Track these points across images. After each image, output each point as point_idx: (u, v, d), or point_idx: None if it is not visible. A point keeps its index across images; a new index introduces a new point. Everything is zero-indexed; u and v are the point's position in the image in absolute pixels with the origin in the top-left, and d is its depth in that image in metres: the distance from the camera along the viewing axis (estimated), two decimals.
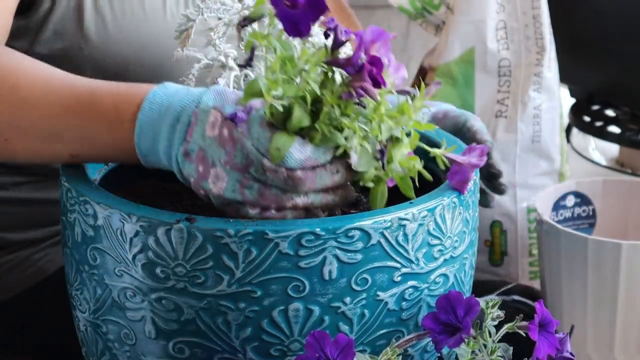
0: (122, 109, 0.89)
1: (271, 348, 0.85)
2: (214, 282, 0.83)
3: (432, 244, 0.87)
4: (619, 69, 1.74)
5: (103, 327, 0.90)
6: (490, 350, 0.84)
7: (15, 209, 1.24)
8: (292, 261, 0.83)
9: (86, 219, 0.88)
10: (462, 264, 0.91)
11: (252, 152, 0.84)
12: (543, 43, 1.46)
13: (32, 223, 1.25)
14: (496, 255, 1.50)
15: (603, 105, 1.84)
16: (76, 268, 0.90)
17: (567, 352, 0.86)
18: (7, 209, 1.24)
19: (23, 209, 1.24)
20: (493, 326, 0.85)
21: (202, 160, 0.85)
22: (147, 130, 0.87)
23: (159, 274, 0.84)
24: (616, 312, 1.25)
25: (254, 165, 0.83)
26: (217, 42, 0.97)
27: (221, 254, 0.82)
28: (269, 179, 0.84)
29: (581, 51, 1.76)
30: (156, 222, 0.83)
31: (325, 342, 0.79)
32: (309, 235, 0.82)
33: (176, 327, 0.86)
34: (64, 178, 0.91)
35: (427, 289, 0.88)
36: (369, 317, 0.86)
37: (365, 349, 0.87)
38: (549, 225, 1.29)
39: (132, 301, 0.86)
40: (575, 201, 1.41)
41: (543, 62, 1.46)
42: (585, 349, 1.28)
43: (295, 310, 0.84)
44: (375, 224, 0.84)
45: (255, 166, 0.83)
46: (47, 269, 1.26)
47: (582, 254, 1.25)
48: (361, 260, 0.84)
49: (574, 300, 1.28)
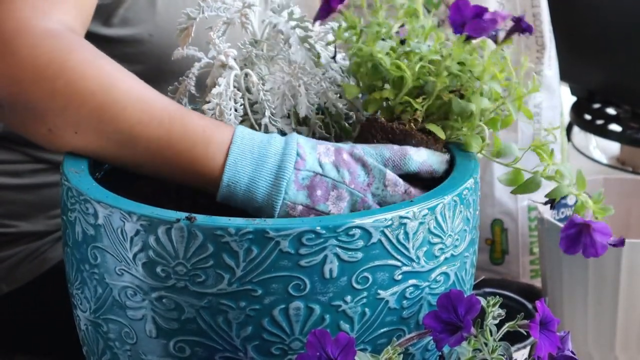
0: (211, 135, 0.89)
1: (272, 347, 0.85)
2: (215, 281, 0.83)
3: (432, 243, 0.87)
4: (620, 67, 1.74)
5: (104, 326, 0.90)
6: (491, 349, 0.84)
7: (27, 196, 1.25)
8: (292, 260, 0.83)
9: (87, 218, 0.87)
10: (462, 262, 0.91)
11: (374, 167, 0.89)
12: (543, 41, 1.46)
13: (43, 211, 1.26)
14: (497, 254, 1.50)
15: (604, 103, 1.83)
16: (77, 267, 0.90)
17: (568, 351, 0.86)
18: (20, 196, 1.25)
19: (35, 196, 1.25)
20: (494, 324, 0.85)
21: (319, 185, 0.88)
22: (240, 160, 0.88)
23: (159, 273, 0.84)
24: (617, 310, 1.25)
25: (376, 181, 0.88)
26: (216, 41, 0.97)
27: (222, 253, 0.82)
28: (388, 196, 0.89)
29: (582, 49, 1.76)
30: (157, 221, 0.83)
31: (326, 340, 0.79)
32: (310, 234, 0.82)
33: (177, 326, 0.86)
34: (65, 177, 0.91)
35: (427, 287, 0.88)
36: (369, 315, 0.86)
37: (366, 348, 0.87)
38: (550, 223, 1.29)
39: (133, 300, 0.86)
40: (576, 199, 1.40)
41: (543, 60, 1.46)
42: (586, 347, 1.28)
43: (296, 309, 0.84)
44: (376, 222, 0.84)
45: (377, 183, 0.88)
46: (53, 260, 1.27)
47: None
48: (362, 259, 0.84)
49: (575, 298, 1.27)
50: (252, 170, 0.88)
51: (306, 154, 0.88)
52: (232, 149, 0.88)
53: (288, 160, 0.88)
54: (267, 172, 0.88)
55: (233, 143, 0.89)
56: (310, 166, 0.88)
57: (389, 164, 0.89)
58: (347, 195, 0.88)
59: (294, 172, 0.88)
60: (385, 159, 0.89)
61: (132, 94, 0.91)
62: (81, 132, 0.91)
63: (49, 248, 1.27)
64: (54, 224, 1.27)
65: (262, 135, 0.90)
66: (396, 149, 0.90)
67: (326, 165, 0.88)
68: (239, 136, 0.89)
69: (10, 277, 1.26)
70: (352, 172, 0.88)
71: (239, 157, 0.88)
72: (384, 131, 0.93)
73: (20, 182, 1.25)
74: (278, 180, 0.87)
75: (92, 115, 0.90)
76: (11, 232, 1.26)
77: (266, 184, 0.88)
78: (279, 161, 0.88)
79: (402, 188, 0.89)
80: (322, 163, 0.88)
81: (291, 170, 0.87)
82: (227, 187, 0.88)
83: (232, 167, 0.88)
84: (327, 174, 0.88)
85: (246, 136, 0.89)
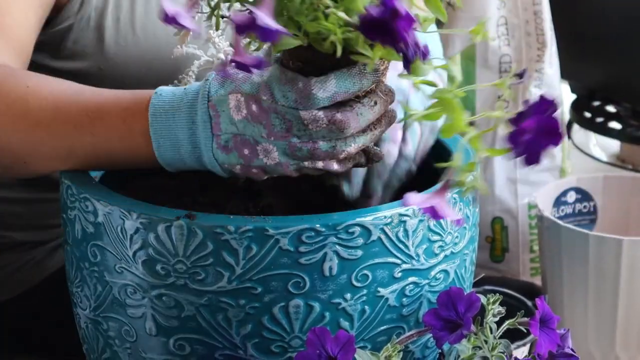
0: (131, 124, 0.89)
1: (272, 344, 0.85)
2: (215, 278, 0.83)
3: (432, 240, 0.87)
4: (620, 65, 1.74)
5: (104, 324, 0.90)
6: (491, 347, 0.84)
7: (21, 208, 1.24)
8: (292, 257, 0.82)
9: (86, 216, 0.87)
10: (462, 260, 0.91)
11: (287, 112, 0.83)
12: (544, 39, 1.46)
13: (37, 223, 1.25)
14: (497, 252, 1.50)
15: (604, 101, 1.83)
16: (77, 265, 0.90)
17: (568, 348, 0.86)
18: (13, 209, 1.24)
19: (28, 209, 1.24)
20: (494, 322, 0.85)
21: (243, 144, 0.85)
22: (163, 142, 0.87)
23: (159, 271, 0.84)
24: (617, 308, 1.25)
25: (294, 124, 0.83)
26: (215, 39, 0.97)
27: (221, 251, 0.82)
28: (313, 133, 0.84)
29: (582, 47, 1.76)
30: (156, 219, 0.83)
31: (326, 338, 0.79)
32: (309, 232, 0.82)
33: (177, 323, 0.86)
34: (64, 175, 0.91)
35: (427, 285, 0.88)
36: (369, 313, 0.86)
37: (365, 345, 0.87)
38: (550, 221, 1.29)
39: (133, 298, 0.86)
40: (576, 197, 1.41)
41: (544, 58, 1.46)
42: (586, 345, 1.28)
43: (296, 307, 0.84)
44: (376, 220, 0.84)
45: (295, 125, 0.84)
46: (49, 268, 1.26)
47: (583, 250, 1.25)
48: (361, 257, 0.84)
49: (575, 296, 1.27)
50: (176, 149, 0.87)
51: (219, 114, 0.86)
52: (151, 134, 0.87)
53: (204, 129, 0.86)
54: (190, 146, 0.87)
55: (150, 128, 0.87)
56: (226, 128, 0.86)
57: (298, 105, 0.84)
58: (272, 147, 0.85)
59: (214, 138, 0.86)
60: (293, 101, 0.84)
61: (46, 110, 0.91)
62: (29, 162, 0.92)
63: (45, 256, 1.26)
64: (48, 234, 1.26)
65: (174, 101, 0.88)
66: (300, 88, 0.83)
67: (240, 122, 0.85)
68: (152, 113, 0.88)
69: (6, 286, 1.26)
70: (266, 123, 0.84)
71: (162, 140, 0.87)
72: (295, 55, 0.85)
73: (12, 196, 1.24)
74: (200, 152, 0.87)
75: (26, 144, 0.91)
76: (4, 242, 1.25)
77: (194, 157, 0.87)
78: (195, 132, 0.86)
79: (324, 120, 0.84)
80: (236, 121, 0.85)
81: (210, 138, 0.86)
82: (167, 166, 0.89)
83: (159, 152, 0.88)
84: (244, 132, 0.85)
85: (160, 111, 0.88)
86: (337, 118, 0.83)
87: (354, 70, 0.83)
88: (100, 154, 0.90)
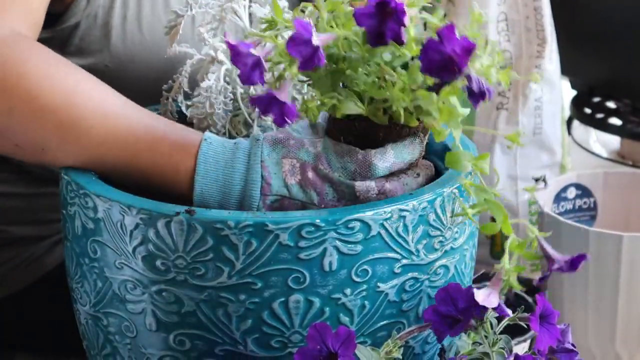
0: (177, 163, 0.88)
1: (272, 340, 0.85)
2: (214, 274, 0.83)
3: (432, 235, 0.87)
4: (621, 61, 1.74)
5: (104, 320, 0.90)
6: (491, 342, 0.84)
7: (20, 203, 1.24)
8: (292, 253, 0.82)
9: (86, 212, 0.87)
10: (462, 255, 0.91)
11: (342, 183, 0.87)
12: (544, 35, 1.46)
13: (37, 218, 1.25)
14: (497, 248, 1.50)
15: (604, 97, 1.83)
16: (76, 261, 0.90)
17: (569, 343, 0.86)
18: (13, 204, 1.24)
19: (28, 204, 1.24)
20: (494, 318, 0.85)
21: (288, 207, 0.87)
22: (207, 190, 0.87)
23: (159, 267, 0.84)
24: (617, 305, 1.25)
25: (347, 194, 0.87)
26: (206, 36, 0.97)
27: (221, 246, 0.82)
28: (362, 202, 0.87)
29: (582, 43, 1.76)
30: (156, 214, 0.83)
31: (327, 334, 0.79)
32: (309, 227, 0.82)
33: (177, 319, 0.86)
34: (64, 171, 0.91)
35: (427, 280, 0.88)
36: (369, 308, 0.86)
37: (366, 341, 0.87)
38: (550, 217, 1.29)
39: (133, 294, 0.86)
40: (576, 193, 1.40)
41: (544, 54, 1.46)
42: (586, 341, 1.28)
43: (296, 302, 0.84)
44: (376, 215, 0.84)
45: (348, 195, 0.87)
46: (49, 265, 1.26)
47: (583, 246, 1.24)
48: (361, 252, 0.84)
49: (575, 292, 1.27)
50: (220, 199, 0.87)
51: (271, 175, 0.87)
52: (197, 179, 0.87)
53: (253, 189, 0.87)
54: (235, 201, 0.87)
55: (197, 174, 0.87)
56: (277, 190, 0.87)
57: (356, 176, 0.87)
58: None
59: (261, 198, 0.87)
60: (351, 172, 0.87)
61: (97, 112, 0.90)
62: (48, 150, 0.90)
63: (45, 252, 1.26)
64: (48, 229, 1.26)
65: (226, 153, 0.88)
66: (360, 159, 0.86)
67: (293, 187, 0.87)
68: (202, 161, 0.87)
69: (6, 282, 1.26)
70: (320, 191, 0.87)
71: (206, 187, 0.87)
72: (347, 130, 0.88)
73: (12, 191, 1.24)
74: (242, 206, 0.87)
75: (54, 135, 0.89)
76: (3, 237, 1.25)
77: (234, 207, 0.87)
78: (244, 189, 0.87)
79: (375, 191, 0.87)
80: (288, 185, 0.87)
81: (258, 198, 0.87)
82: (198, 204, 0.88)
83: (200, 197, 0.88)
84: (295, 197, 0.87)
85: (210, 159, 0.88)
86: (387, 188, 0.87)
87: (407, 141, 0.87)
88: (133, 172, 0.90)
